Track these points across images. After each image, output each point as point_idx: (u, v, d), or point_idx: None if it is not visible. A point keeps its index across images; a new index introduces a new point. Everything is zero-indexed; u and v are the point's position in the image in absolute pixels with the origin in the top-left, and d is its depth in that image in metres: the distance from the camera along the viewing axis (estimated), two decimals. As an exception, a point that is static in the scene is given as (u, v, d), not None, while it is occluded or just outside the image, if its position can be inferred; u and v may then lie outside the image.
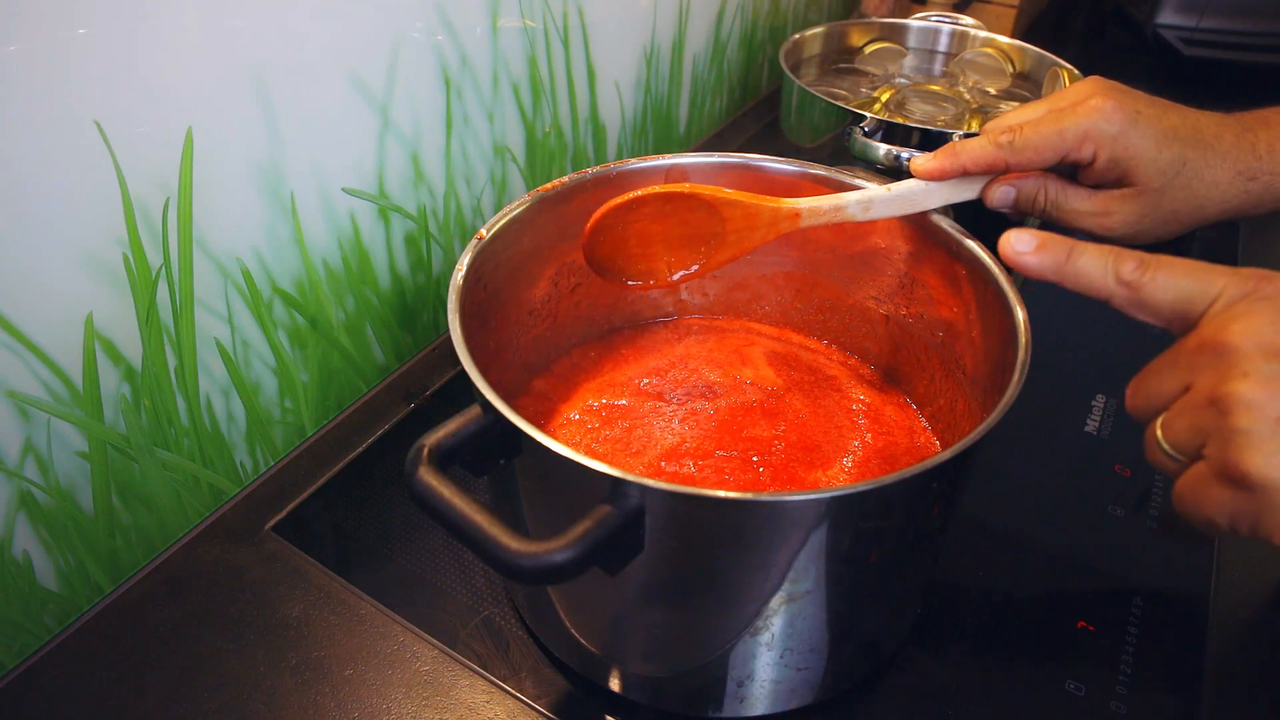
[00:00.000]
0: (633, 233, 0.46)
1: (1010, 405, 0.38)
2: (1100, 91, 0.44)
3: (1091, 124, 0.42)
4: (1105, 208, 0.44)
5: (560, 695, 0.47)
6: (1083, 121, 0.42)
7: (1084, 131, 0.42)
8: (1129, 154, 0.42)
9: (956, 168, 0.45)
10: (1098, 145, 0.42)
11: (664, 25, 0.84)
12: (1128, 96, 0.43)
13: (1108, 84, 0.44)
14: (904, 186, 0.47)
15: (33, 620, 0.48)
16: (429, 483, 0.35)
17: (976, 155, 0.45)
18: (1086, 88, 0.44)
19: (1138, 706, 0.47)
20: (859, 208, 0.47)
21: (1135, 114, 0.42)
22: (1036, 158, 0.44)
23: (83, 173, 0.42)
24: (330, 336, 0.61)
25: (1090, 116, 0.42)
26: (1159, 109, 0.43)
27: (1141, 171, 0.42)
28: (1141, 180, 0.43)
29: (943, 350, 0.53)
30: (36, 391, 0.44)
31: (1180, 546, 0.56)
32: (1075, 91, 0.45)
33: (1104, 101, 0.42)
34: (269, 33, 0.48)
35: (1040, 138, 0.43)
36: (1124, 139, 0.42)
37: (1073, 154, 0.43)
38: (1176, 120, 0.43)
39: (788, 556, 0.37)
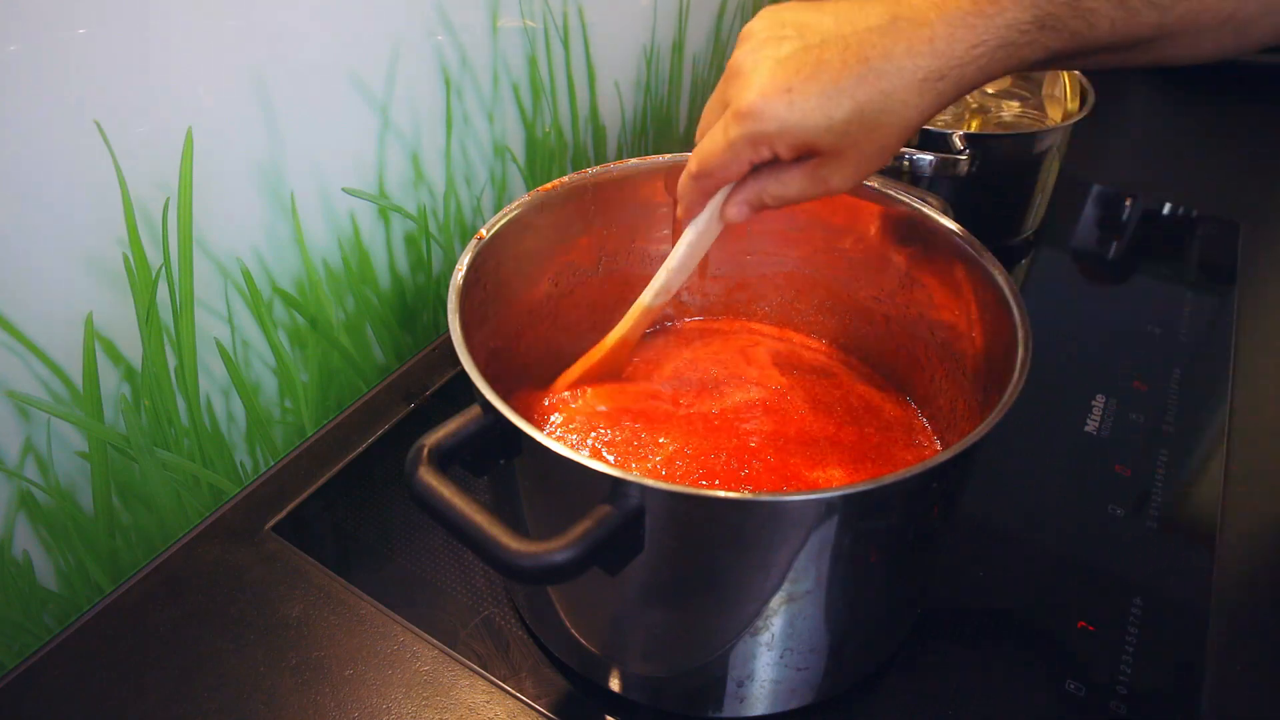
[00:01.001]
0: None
1: (1010, 405, 0.38)
2: (752, 77, 0.39)
3: (749, 131, 0.38)
4: (818, 176, 0.40)
5: (560, 695, 0.47)
6: (743, 132, 0.39)
7: (749, 139, 0.39)
8: (803, 138, 0.38)
9: (693, 206, 0.45)
10: (768, 146, 0.39)
11: (664, 25, 0.84)
12: (778, 69, 0.38)
13: (756, 53, 0.39)
14: (676, 255, 0.48)
15: (33, 620, 0.48)
16: (429, 483, 0.35)
17: (690, 193, 0.44)
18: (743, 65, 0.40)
19: (1138, 706, 0.47)
20: (654, 296, 0.50)
21: (787, 93, 0.37)
22: (727, 175, 0.41)
23: (83, 173, 0.42)
24: (330, 336, 0.61)
25: (744, 125, 0.38)
26: (811, 65, 0.37)
27: (824, 143, 0.38)
28: (829, 148, 0.38)
29: (943, 350, 0.53)
30: (36, 391, 0.44)
31: (1180, 546, 0.56)
32: (735, 78, 0.40)
33: (756, 99, 0.38)
34: (269, 33, 0.48)
35: (716, 161, 0.40)
36: (788, 129, 0.38)
37: (755, 160, 0.40)
38: (835, 63, 0.37)
39: (788, 556, 0.37)
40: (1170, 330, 0.75)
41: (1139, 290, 0.81)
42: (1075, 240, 0.88)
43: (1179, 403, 0.67)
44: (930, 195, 0.52)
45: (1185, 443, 0.64)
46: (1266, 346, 0.75)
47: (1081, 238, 0.88)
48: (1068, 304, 0.79)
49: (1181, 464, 0.62)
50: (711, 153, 0.40)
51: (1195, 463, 0.62)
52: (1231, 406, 0.67)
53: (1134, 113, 1.16)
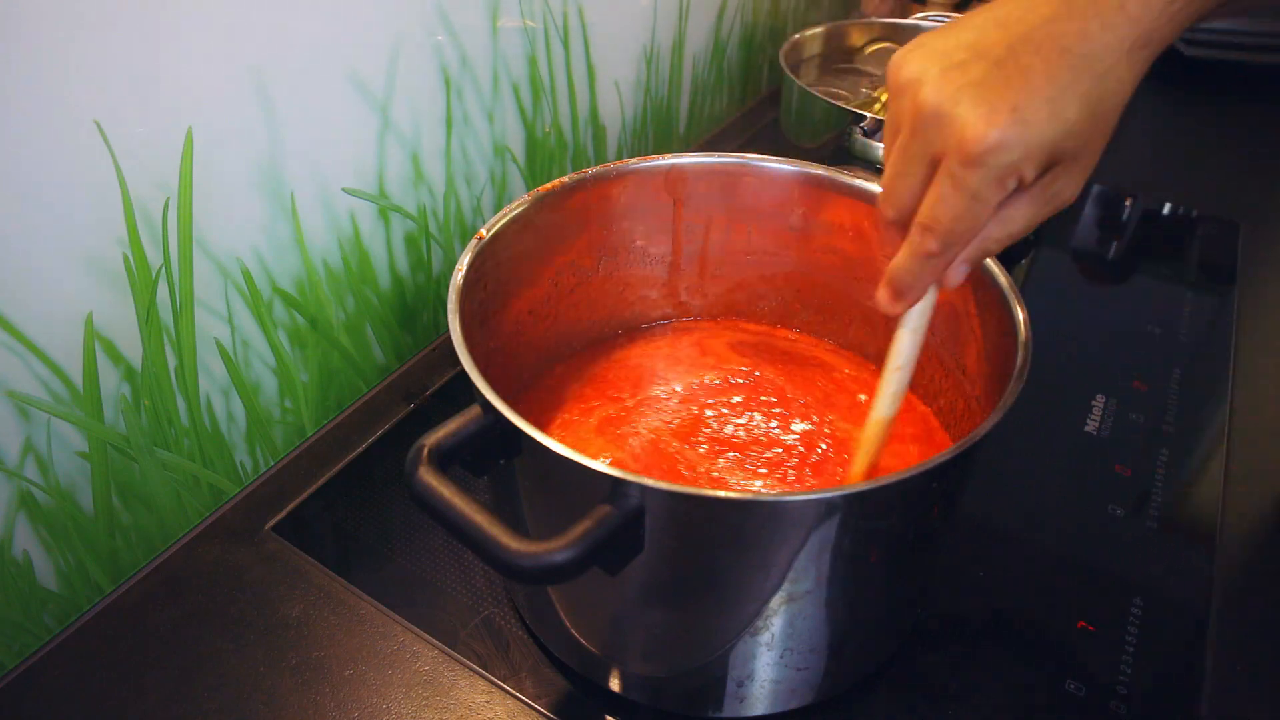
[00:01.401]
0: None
1: (1010, 405, 0.38)
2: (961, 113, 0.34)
3: (994, 168, 0.34)
4: (1048, 193, 0.37)
5: (560, 695, 0.47)
6: (986, 174, 0.34)
7: (996, 178, 0.34)
8: (1046, 151, 0.35)
9: (924, 288, 0.40)
10: (1015, 177, 0.35)
11: (664, 25, 0.84)
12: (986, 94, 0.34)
13: (944, 88, 0.35)
14: (903, 350, 0.43)
15: (33, 620, 0.48)
16: (429, 483, 0.35)
17: (925, 274, 0.39)
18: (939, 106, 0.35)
19: (1138, 706, 0.47)
20: (891, 405, 0.44)
21: (1014, 113, 0.33)
22: (970, 232, 0.37)
23: (83, 173, 0.42)
24: (330, 336, 0.61)
25: (985, 166, 0.34)
26: (1018, 78, 0.34)
27: (1065, 149, 0.35)
28: (1069, 153, 0.35)
29: (943, 350, 0.53)
30: (36, 391, 0.44)
31: (1180, 546, 0.56)
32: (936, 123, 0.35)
33: (987, 132, 0.34)
34: (269, 33, 0.48)
35: (965, 222, 0.36)
36: (1031, 149, 0.34)
37: (1000, 200, 0.36)
38: (1039, 67, 0.34)
39: (788, 556, 0.37)
40: (1170, 330, 0.75)
41: (1139, 290, 0.81)
42: (1075, 240, 0.88)
43: (1179, 403, 0.67)
44: (930, 195, 0.52)
45: (1185, 443, 0.64)
46: (1266, 346, 0.75)
47: (1081, 238, 0.88)
48: (1068, 304, 0.79)
49: (1181, 464, 0.62)
50: (953, 216, 0.36)
51: (1195, 463, 0.62)
52: (1231, 406, 0.67)
53: (1134, 113, 1.16)
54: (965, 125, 0.34)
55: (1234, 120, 1.14)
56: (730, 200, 0.57)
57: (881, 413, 0.44)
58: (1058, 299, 0.80)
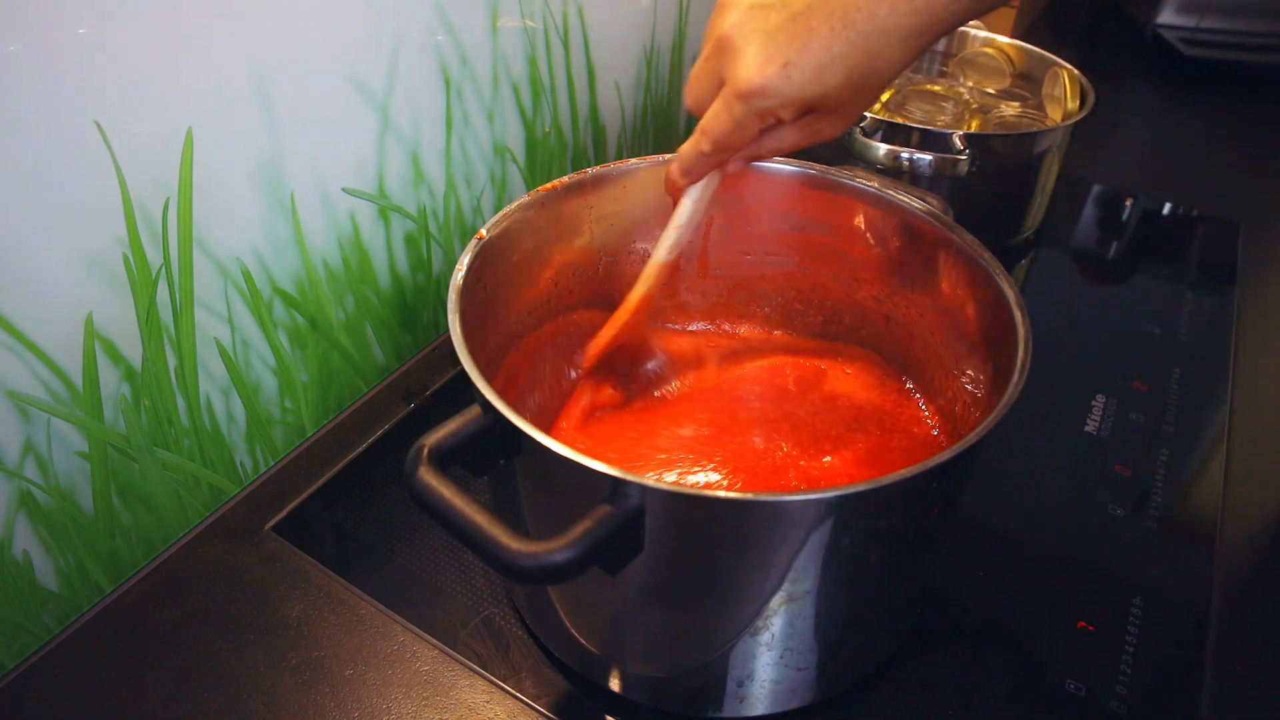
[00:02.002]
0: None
1: (1010, 405, 0.38)
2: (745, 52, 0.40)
3: (754, 107, 0.40)
4: (811, 129, 0.43)
5: (560, 695, 0.47)
6: (748, 109, 0.41)
7: (755, 114, 0.41)
8: (803, 105, 0.40)
9: (700, 174, 0.47)
10: (773, 116, 0.41)
11: (664, 25, 0.84)
12: (770, 42, 0.39)
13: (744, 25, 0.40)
14: (683, 212, 0.50)
15: (33, 620, 0.48)
16: (429, 483, 0.35)
17: (699, 165, 0.46)
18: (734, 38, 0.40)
19: (1138, 706, 0.47)
20: (667, 251, 0.51)
21: (784, 68, 0.39)
22: (737, 146, 0.44)
23: (83, 173, 0.42)
24: (330, 336, 0.61)
25: (748, 103, 0.40)
26: (801, 35, 0.39)
27: (822, 105, 0.41)
28: (827, 108, 0.41)
29: (943, 350, 0.53)
30: (36, 391, 0.44)
31: (1180, 546, 0.56)
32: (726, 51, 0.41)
33: (756, 77, 0.39)
34: (269, 33, 0.48)
35: (729, 138, 0.43)
36: (789, 100, 0.40)
37: (762, 129, 0.42)
38: (823, 31, 0.39)
39: (788, 556, 0.37)
40: (1170, 330, 0.75)
41: (1139, 290, 0.81)
42: (1075, 240, 0.88)
43: (1179, 403, 0.67)
44: (930, 195, 0.52)
45: (1185, 443, 0.64)
46: (1266, 346, 0.75)
47: (1081, 238, 0.88)
48: (1068, 304, 0.79)
49: (1181, 464, 0.62)
50: (723, 130, 0.43)
51: (1195, 463, 0.62)
52: (1231, 406, 0.67)
53: (1134, 113, 1.16)
54: (742, 64, 0.40)
55: (1234, 120, 1.14)
56: (730, 200, 0.57)
57: (659, 258, 0.51)
58: (1058, 299, 0.80)
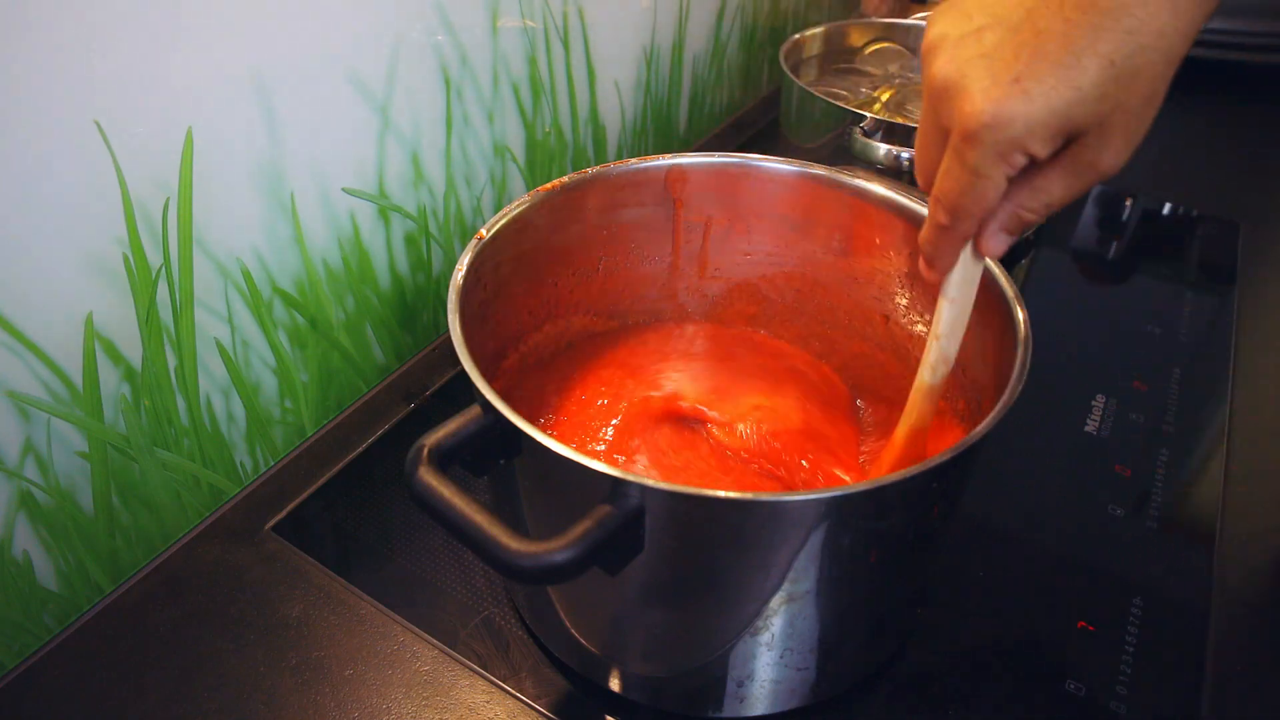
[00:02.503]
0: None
1: (1010, 405, 0.38)
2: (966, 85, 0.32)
3: (992, 144, 0.33)
4: (1082, 163, 0.34)
5: (560, 695, 0.47)
6: (985, 151, 0.33)
7: (996, 154, 0.33)
8: (1056, 124, 0.32)
9: (948, 259, 0.39)
10: (1021, 152, 0.33)
11: (664, 25, 0.84)
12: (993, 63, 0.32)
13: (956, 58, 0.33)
14: (941, 319, 0.42)
15: (33, 620, 0.48)
16: (429, 483, 0.35)
17: (942, 246, 0.38)
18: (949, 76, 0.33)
19: (1138, 706, 0.47)
20: (933, 372, 0.43)
21: (1016, 84, 0.31)
22: (983, 208, 0.35)
23: (83, 173, 0.42)
24: (330, 336, 0.61)
25: (983, 143, 0.32)
26: (1030, 43, 0.31)
27: (1082, 118, 0.32)
28: (1089, 122, 0.32)
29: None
30: (36, 391, 0.44)
31: (1180, 546, 0.56)
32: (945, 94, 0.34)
33: (984, 106, 0.32)
34: (269, 33, 0.48)
35: (968, 198, 0.35)
36: (1035, 122, 0.32)
37: (1010, 175, 0.34)
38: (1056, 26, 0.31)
39: (788, 556, 0.37)
40: (1170, 330, 0.75)
41: (1139, 290, 0.81)
42: (1075, 240, 0.88)
43: (1179, 403, 0.67)
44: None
45: (1185, 443, 0.63)
46: (1266, 346, 0.75)
47: (1081, 238, 0.88)
48: (1068, 304, 0.79)
49: (1181, 464, 0.62)
50: (958, 190, 0.34)
51: (1195, 463, 0.62)
52: (1231, 406, 0.67)
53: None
54: (965, 99, 0.32)
55: (1234, 120, 1.14)
56: (730, 200, 0.57)
57: (924, 379, 0.44)
58: (1058, 299, 0.80)
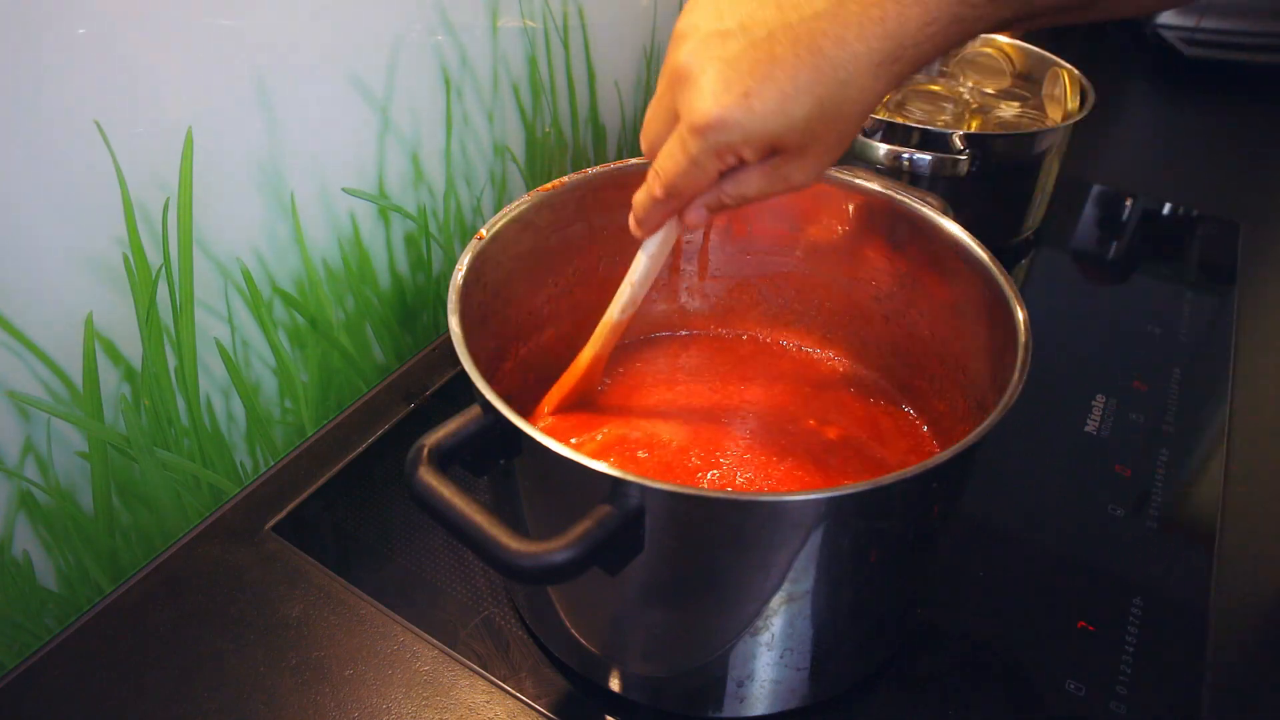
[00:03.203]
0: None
1: (1010, 405, 0.38)
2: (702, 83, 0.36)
3: (713, 144, 0.36)
4: (778, 174, 0.38)
5: (560, 695, 0.47)
6: (705, 146, 0.37)
7: (713, 152, 0.37)
8: (767, 140, 0.36)
9: (656, 224, 0.44)
10: (733, 155, 0.37)
11: (664, 25, 0.84)
12: (729, 71, 0.35)
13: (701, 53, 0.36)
14: (638, 268, 0.47)
15: (33, 620, 0.48)
16: (429, 483, 0.35)
17: (654, 213, 0.42)
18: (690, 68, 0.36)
19: (1138, 706, 0.47)
20: (621, 310, 0.49)
21: (745, 98, 0.35)
22: (695, 191, 0.39)
23: (83, 173, 0.42)
24: (330, 336, 0.61)
25: (706, 139, 0.36)
26: (764, 64, 0.35)
27: (788, 142, 0.36)
28: (793, 145, 0.37)
29: (942, 350, 0.53)
30: (36, 391, 0.44)
31: (1180, 546, 0.56)
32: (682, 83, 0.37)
33: (713, 109, 0.35)
34: (269, 33, 0.48)
35: (684, 180, 0.39)
36: (752, 135, 0.36)
37: (722, 170, 0.38)
38: (788, 58, 0.35)
39: (788, 556, 0.37)
40: (1170, 330, 0.75)
41: (1139, 290, 0.81)
42: (1075, 240, 0.88)
43: (1179, 403, 0.67)
44: (930, 195, 0.52)
45: (1185, 443, 0.64)
46: (1266, 346, 0.75)
47: (1081, 238, 0.88)
48: (1068, 304, 0.79)
49: (1181, 464, 0.62)
50: (677, 172, 0.39)
51: (1195, 463, 0.62)
52: (1231, 406, 0.67)
53: (1134, 113, 1.16)
54: (698, 95, 0.36)
55: (1234, 120, 1.14)
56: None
57: (613, 315, 0.49)
58: (1058, 299, 0.80)
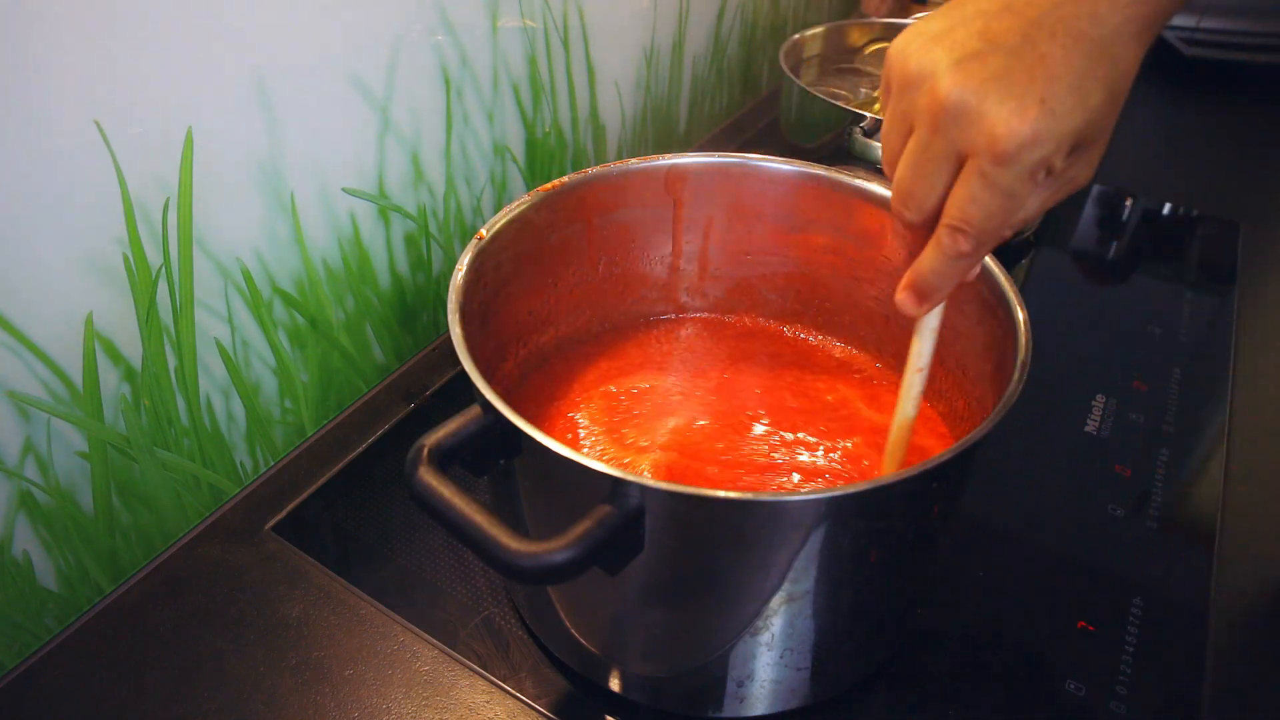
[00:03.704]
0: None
1: (1010, 405, 0.38)
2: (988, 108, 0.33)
3: (1030, 162, 0.34)
4: (1069, 177, 0.36)
5: (560, 695, 0.47)
6: (1020, 169, 0.34)
7: (1030, 172, 0.34)
8: (1072, 141, 0.34)
9: (931, 308, 0.41)
10: (1045, 168, 0.34)
11: (664, 25, 0.84)
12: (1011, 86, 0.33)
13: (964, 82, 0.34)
14: (924, 351, 0.43)
15: (33, 620, 0.48)
16: (429, 483, 0.35)
17: (949, 278, 0.38)
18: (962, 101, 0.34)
19: (1138, 706, 0.47)
20: (915, 405, 0.44)
21: (1042, 104, 0.33)
22: (1004, 228, 0.36)
23: (83, 173, 0.42)
24: (330, 336, 0.61)
25: (1019, 161, 0.34)
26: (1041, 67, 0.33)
27: (1088, 135, 0.35)
28: (1089, 138, 0.35)
29: (943, 350, 0.53)
30: (36, 391, 0.44)
31: (1180, 546, 0.56)
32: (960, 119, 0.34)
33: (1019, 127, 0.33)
34: (269, 33, 0.48)
35: (999, 219, 0.35)
36: (1062, 140, 0.34)
37: (1032, 190, 0.35)
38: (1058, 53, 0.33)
39: (788, 556, 0.37)
40: (1170, 330, 0.75)
41: (1139, 290, 0.81)
42: (1075, 240, 0.88)
43: (1179, 403, 0.67)
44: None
45: (1185, 443, 0.64)
46: (1266, 346, 0.75)
47: (1081, 238, 0.88)
48: (1068, 304, 0.79)
49: (1181, 464, 0.62)
50: (989, 214, 0.35)
51: (1195, 463, 0.62)
52: (1231, 406, 0.67)
53: (1134, 113, 1.16)
54: (996, 123, 0.33)
55: (1234, 120, 1.14)
56: (730, 200, 0.57)
57: (906, 413, 0.44)
58: (1058, 299, 0.80)
